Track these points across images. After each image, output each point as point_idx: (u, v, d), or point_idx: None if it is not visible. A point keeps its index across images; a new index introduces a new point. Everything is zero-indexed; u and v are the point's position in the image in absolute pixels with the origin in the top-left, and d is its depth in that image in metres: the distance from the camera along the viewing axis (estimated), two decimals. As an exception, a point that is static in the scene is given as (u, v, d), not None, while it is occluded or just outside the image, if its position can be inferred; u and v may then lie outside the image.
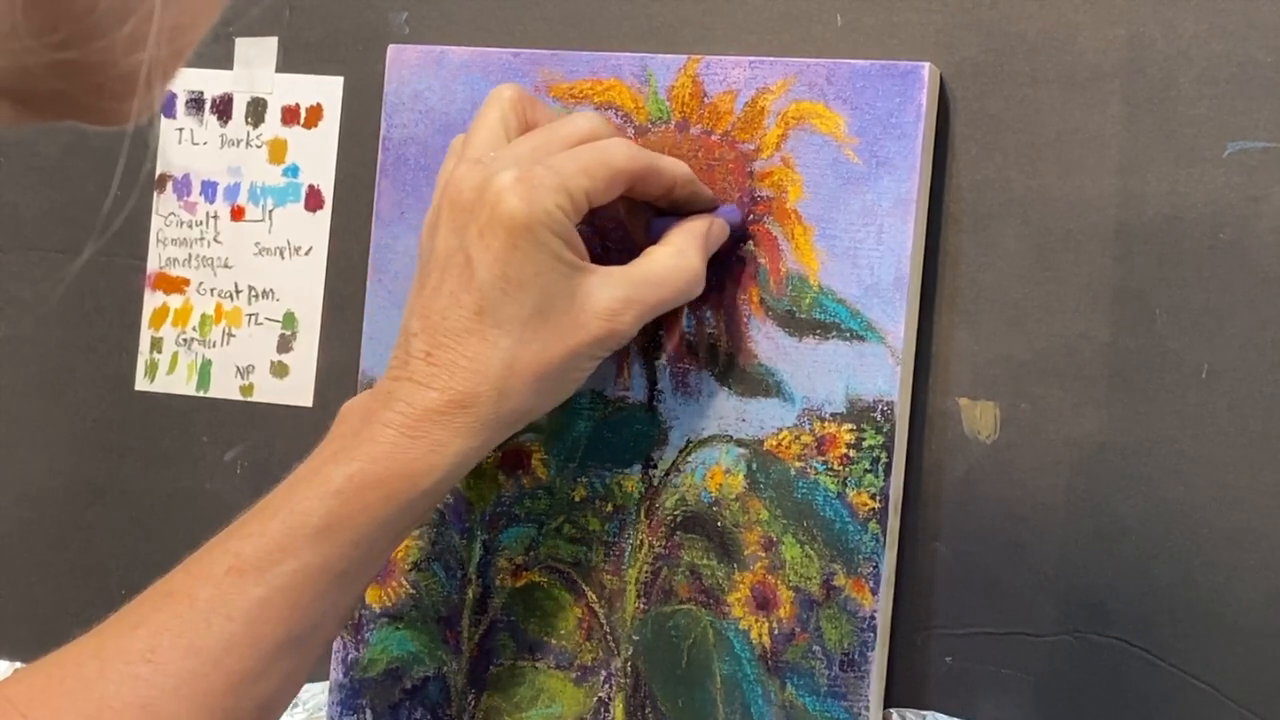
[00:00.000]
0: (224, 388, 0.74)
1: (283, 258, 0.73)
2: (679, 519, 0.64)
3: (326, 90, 0.73)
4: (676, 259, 0.60)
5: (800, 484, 0.62)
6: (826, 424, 0.62)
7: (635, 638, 0.64)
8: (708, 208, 0.63)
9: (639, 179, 0.60)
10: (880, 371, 0.61)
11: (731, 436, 0.63)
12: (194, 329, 0.74)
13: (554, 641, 0.65)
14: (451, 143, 0.62)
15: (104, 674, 0.53)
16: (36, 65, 0.31)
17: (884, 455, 0.61)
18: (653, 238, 0.62)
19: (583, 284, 0.57)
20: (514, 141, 0.59)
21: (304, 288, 0.73)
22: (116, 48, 0.32)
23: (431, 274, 0.58)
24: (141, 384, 0.75)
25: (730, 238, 0.63)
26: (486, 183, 0.56)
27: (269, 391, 0.73)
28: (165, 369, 0.75)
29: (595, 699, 0.64)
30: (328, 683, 0.68)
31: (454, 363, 0.56)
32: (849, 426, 0.62)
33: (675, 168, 0.61)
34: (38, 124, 0.34)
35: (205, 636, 0.53)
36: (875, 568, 0.61)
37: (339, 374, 0.72)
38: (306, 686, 0.70)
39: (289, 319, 0.73)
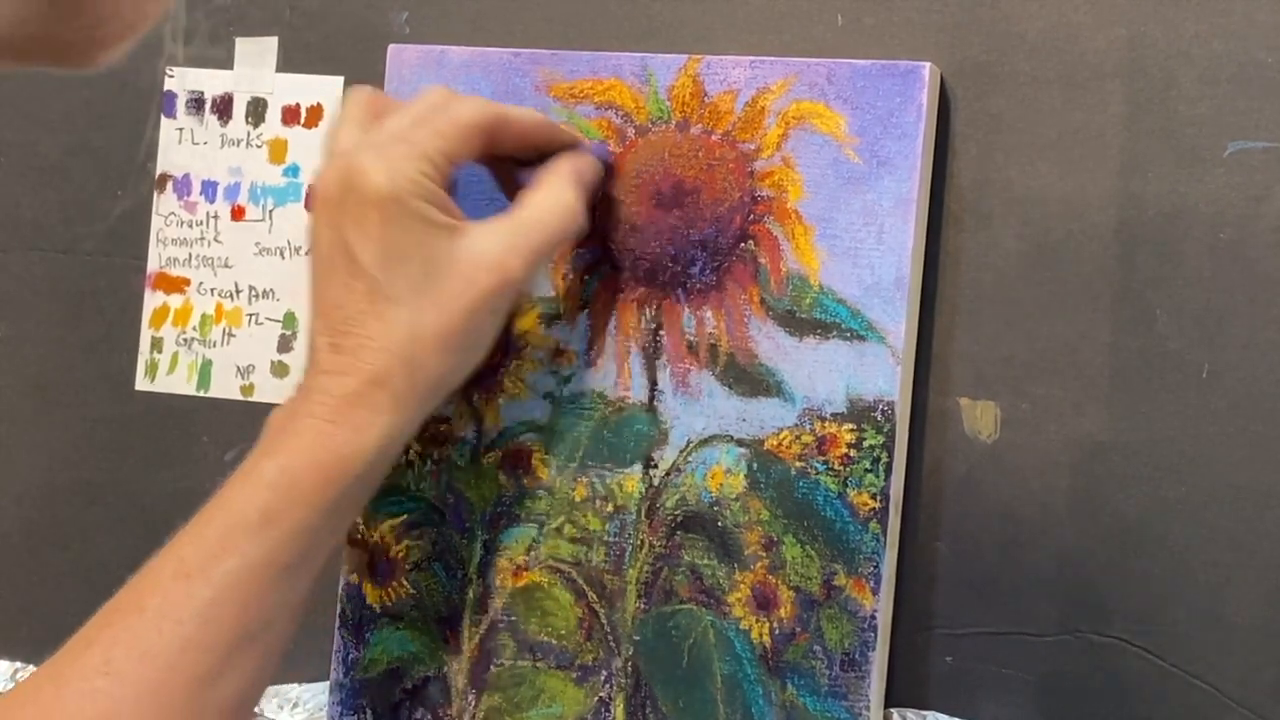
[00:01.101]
0: (224, 388, 0.74)
1: (283, 258, 0.73)
2: (679, 519, 0.64)
3: (326, 90, 0.73)
4: (548, 197, 0.61)
5: (801, 484, 0.62)
6: (827, 424, 0.62)
7: (636, 638, 0.64)
8: (572, 149, 0.63)
9: (492, 130, 0.60)
10: (881, 371, 0.61)
11: (732, 436, 0.63)
12: (194, 329, 0.74)
13: (554, 641, 0.65)
14: (321, 154, 0.63)
15: (62, 695, 0.52)
16: (29, 16, 0.32)
17: (884, 455, 0.61)
18: (524, 187, 0.62)
19: (463, 242, 0.58)
20: (368, 131, 0.60)
21: (304, 288, 0.73)
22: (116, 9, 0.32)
23: (319, 272, 0.59)
24: (142, 384, 0.75)
25: (729, 236, 0.63)
26: (347, 170, 0.58)
27: (269, 391, 0.73)
28: (165, 369, 0.75)
29: (596, 699, 0.64)
30: (328, 683, 0.68)
31: (359, 346, 0.57)
32: (849, 426, 0.62)
33: (526, 115, 0.62)
34: (15, 68, 0.34)
35: (158, 642, 0.53)
36: (876, 567, 0.61)
37: (339, 374, 0.72)
38: (307, 686, 0.70)
39: (289, 319, 0.73)
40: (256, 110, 0.74)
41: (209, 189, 0.74)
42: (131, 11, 0.32)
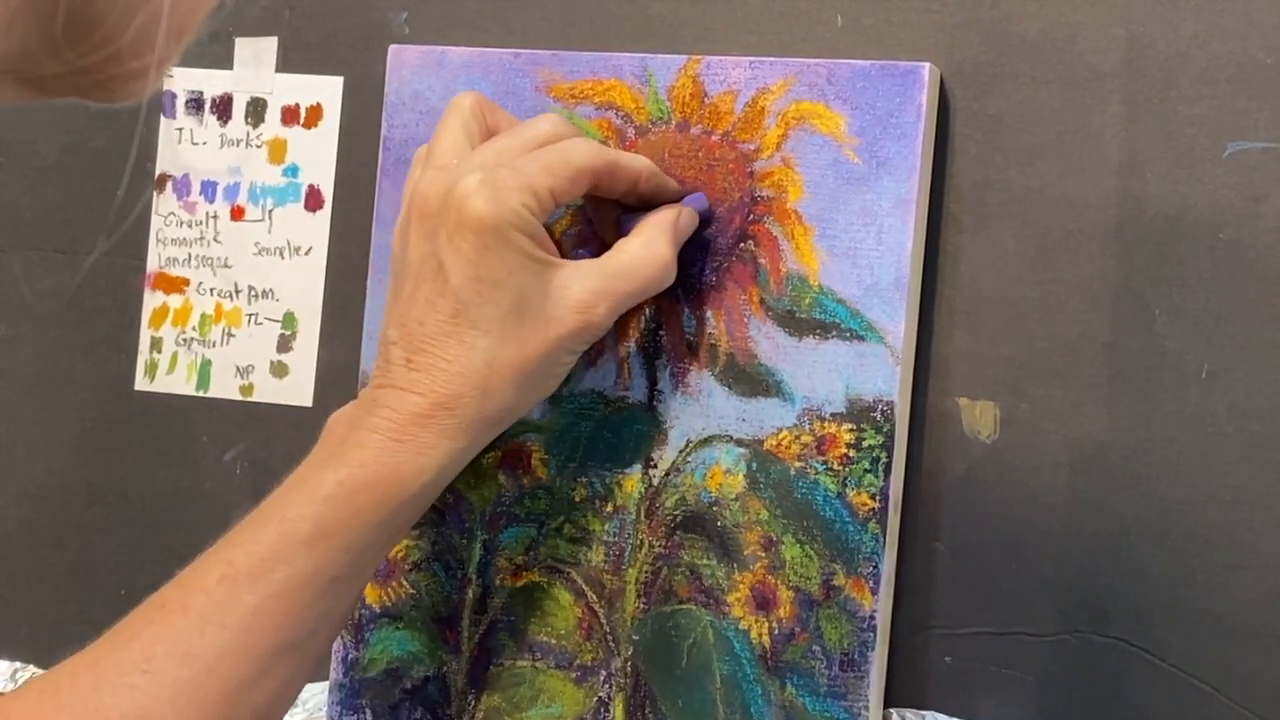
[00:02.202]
0: (224, 388, 0.74)
1: (283, 258, 0.73)
2: (679, 519, 0.64)
3: (326, 90, 0.73)
4: (646, 249, 0.60)
5: (800, 484, 0.62)
6: (826, 424, 0.62)
7: (635, 638, 0.64)
8: (674, 199, 0.63)
9: (602, 176, 0.60)
10: (880, 371, 0.61)
11: (731, 436, 0.63)
12: (194, 329, 0.74)
13: (554, 641, 0.65)
14: (416, 153, 0.63)
15: (99, 686, 0.53)
16: (42, 63, 0.32)
17: (884, 455, 0.61)
18: (622, 233, 0.62)
19: (555, 279, 0.58)
20: (477, 148, 0.60)
21: (304, 288, 0.73)
22: (121, 54, 0.32)
23: (406, 282, 0.58)
24: (141, 384, 0.75)
25: (729, 236, 0.63)
26: (452, 187, 0.57)
27: (269, 391, 0.73)
28: (165, 369, 0.75)
29: (595, 699, 0.64)
30: (328, 683, 0.68)
31: (434, 366, 0.57)
32: (849, 426, 0.62)
33: (637, 162, 0.62)
34: (40, 101, 0.34)
35: (200, 645, 0.53)
36: (875, 567, 0.61)
37: (339, 374, 0.72)
38: (306, 686, 0.70)
39: (289, 319, 0.73)
40: (256, 110, 0.74)
41: (208, 189, 0.74)
42: (146, 47, 0.32)
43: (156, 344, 0.75)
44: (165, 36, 0.32)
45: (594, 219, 0.65)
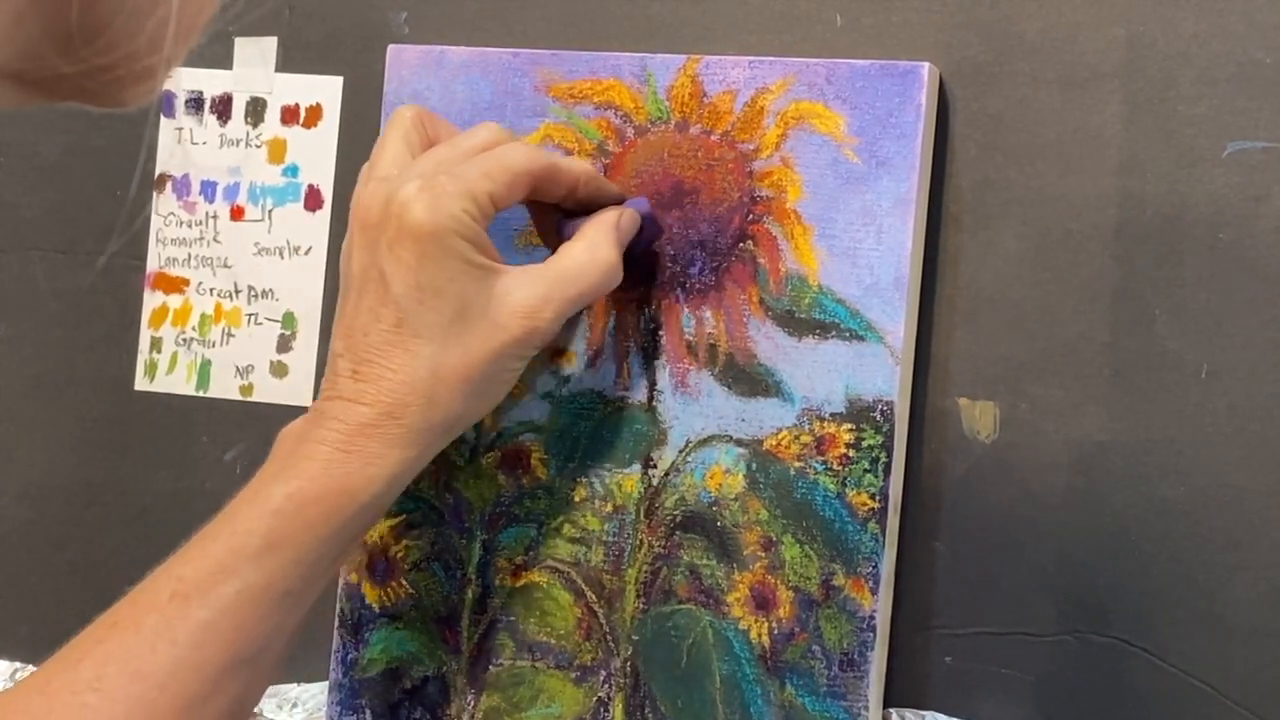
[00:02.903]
0: (223, 387, 0.74)
1: (282, 257, 0.73)
2: (679, 519, 0.64)
3: (326, 90, 0.73)
4: (590, 252, 0.60)
5: (800, 484, 0.62)
6: (826, 424, 0.62)
7: (635, 638, 0.64)
8: (615, 203, 0.63)
9: (541, 179, 0.60)
10: (880, 371, 0.61)
11: (731, 436, 0.63)
12: (193, 329, 0.74)
13: (553, 641, 0.65)
14: (361, 169, 0.62)
15: (51, 707, 0.52)
16: (51, 64, 0.32)
17: (883, 455, 0.61)
18: (563, 237, 0.62)
19: (498, 285, 0.58)
20: (417, 158, 0.60)
21: (303, 288, 0.73)
22: (135, 53, 0.32)
23: (350, 294, 0.59)
24: (141, 384, 0.75)
25: (728, 236, 0.63)
26: (391, 197, 0.57)
27: (268, 391, 0.73)
28: (165, 369, 0.75)
29: (595, 699, 0.64)
30: (327, 683, 0.68)
31: (380, 376, 0.57)
32: (848, 426, 0.62)
33: (576, 166, 0.62)
34: (46, 104, 0.34)
35: (150, 662, 0.53)
36: (875, 567, 0.61)
37: (339, 374, 0.72)
38: (306, 686, 0.70)
39: (288, 319, 0.73)
40: (256, 110, 0.74)
41: (208, 189, 0.74)
42: (155, 46, 0.32)
43: (156, 344, 0.75)
44: (174, 36, 0.32)
45: (535, 224, 0.65)
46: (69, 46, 0.31)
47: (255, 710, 0.68)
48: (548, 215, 0.64)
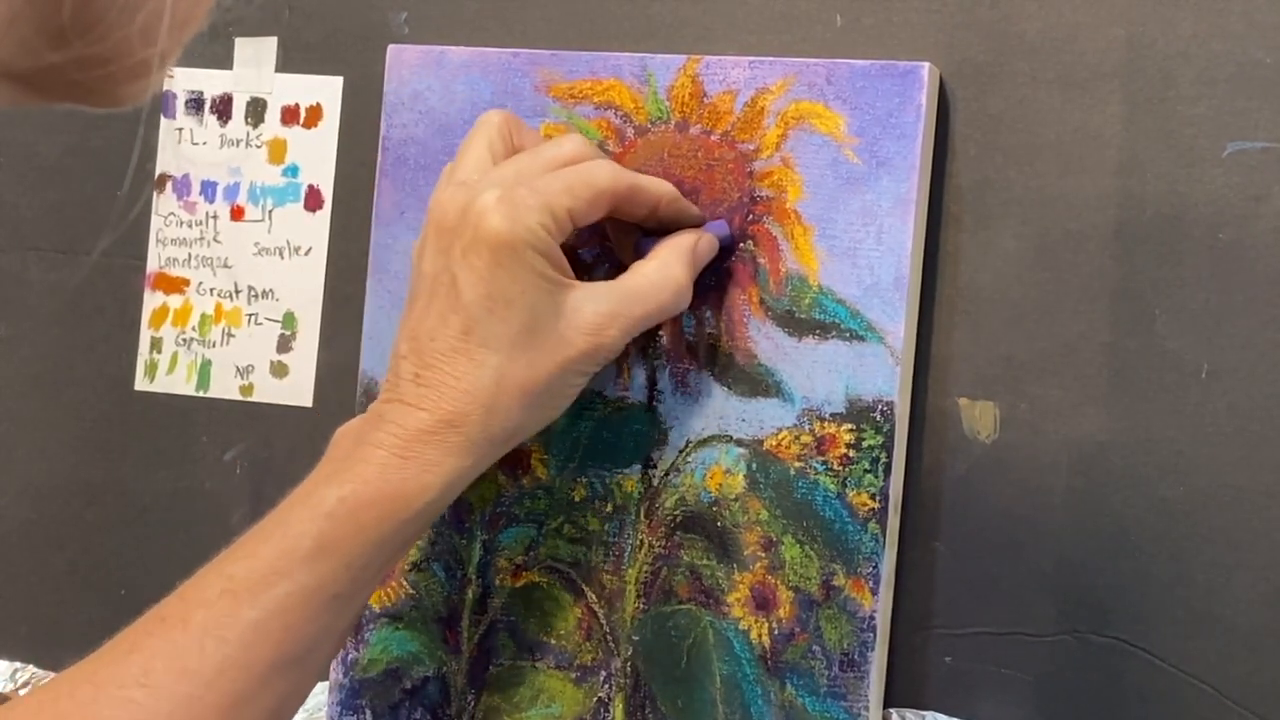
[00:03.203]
0: (223, 388, 0.74)
1: (282, 258, 0.73)
2: (679, 519, 0.64)
3: (326, 90, 0.73)
4: (660, 272, 0.60)
5: (800, 484, 0.62)
6: (826, 424, 0.62)
7: (635, 638, 0.64)
8: (695, 225, 0.63)
9: (622, 199, 0.60)
10: (880, 371, 0.61)
11: (731, 436, 0.63)
12: (194, 329, 0.74)
13: (553, 641, 0.65)
14: (443, 169, 0.62)
15: (98, 698, 0.52)
16: (47, 61, 0.32)
17: (883, 455, 0.61)
18: (640, 256, 0.62)
19: (568, 300, 0.58)
20: (499, 165, 0.60)
21: (304, 288, 0.73)
22: (129, 42, 0.32)
23: (419, 296, 0.58)
24: (141, 384, 0.75)
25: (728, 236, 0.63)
26: (470, 203, 0.57)
27: (268, 391, 0.73)
28: (165, 369, 0.75)
29: (595, 699, 0.64)
30: (327, 683, 0.68)
31: (442, 382, 0.57)
32: (849, 426, 0.62)
33: (658, 187, 0.61)
34: (41, 105, 0.34)
35: (198, 660, 0.53)
36: (875, 568, 0.61)
37: (339, 374, 0.72)
38: (306, 686, 0.70)
39: (289, 319, 0.73)
40: (256, 110, 0.74)
41: (208, 189, 0.74)
42: (150, 39, 0.32)
43: (156, 344, 0.75)
44: (168, 30, 0.32)
45: (613, 242, 0.65)
46: (63, 40, 0.31)
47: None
48: (626, 233, 0.64)
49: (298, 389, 0.73)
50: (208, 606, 0.54)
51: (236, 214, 0.74)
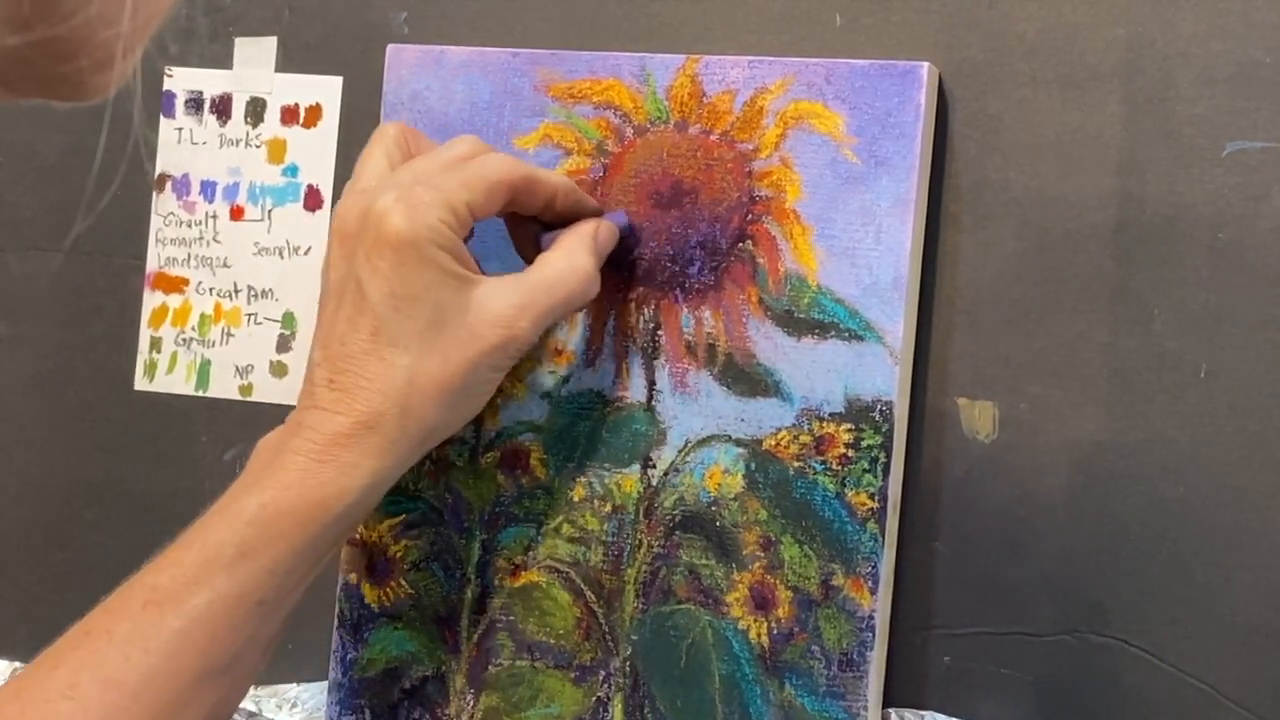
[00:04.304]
0: (223, 387, 0.74)
1: (282, 257, 0.73)
2: (678, 519, 0.64)
3: (326, 90, 0.73)
4: (567, 260, 0.60)
5: (799, 484, 0.62)
6: (825, 424, 0.62)
7: (634, 637, 0.64)
8: (593, 216, 0.63)
9: (519, 190, 0.60)
10: (879, 371, 0.61)
11: (730, 436, 0.63)
12: (193, 329, 0.74)
13: (553, 641, 0.65)
14: (345, 186, 0.63)
15: (25, 714, 0.52)
16: (7, 44, 0.32)
17: (882, 455, 0.61)
18: (542, 250, 0.62)
19: (475, 294, 0.58)
20: (395, 170, 0.60)
21: (303, 287, 0.73)
22: (89, 24, 0.32)
23: (328, 304, 0.59)
24: (140, 384, 0.75)
25: (728, 236, 0.63)
26: (369, 208, 0.58)
27: (268, 391, 0.73)
28: (164, 369, 0.75)
29: (594, 699, 0.64)
30: (326, 682, 0.68)
31: (356, 385, 0.57)
32: (847, 426, 0.62)
33: (554, 178, 0.62)
34: (11, 101, 0.34)
35: (124, 670, 0.53)
36: (874, 567, 0.61)
37: (338, 374, 0.72)
38: (305, 686, 0.70)
39: (288, 319, 0.73)
40: (255, 110, 0.74)
41: (208, 189, 0.74)
42: (103, 27, 0.32)
43: (156, 344, 0.75)
44: (130, 14, 0.32)
45: (513, 238, 0.65)
46: (22, 23, 0.31)
47: (254, 709, 0.68)
48: (525, 228, 0.64)
49: (297, 389, 0.72)
50: (132, 618, 0.54)
51: (236, 214, 0.74)
